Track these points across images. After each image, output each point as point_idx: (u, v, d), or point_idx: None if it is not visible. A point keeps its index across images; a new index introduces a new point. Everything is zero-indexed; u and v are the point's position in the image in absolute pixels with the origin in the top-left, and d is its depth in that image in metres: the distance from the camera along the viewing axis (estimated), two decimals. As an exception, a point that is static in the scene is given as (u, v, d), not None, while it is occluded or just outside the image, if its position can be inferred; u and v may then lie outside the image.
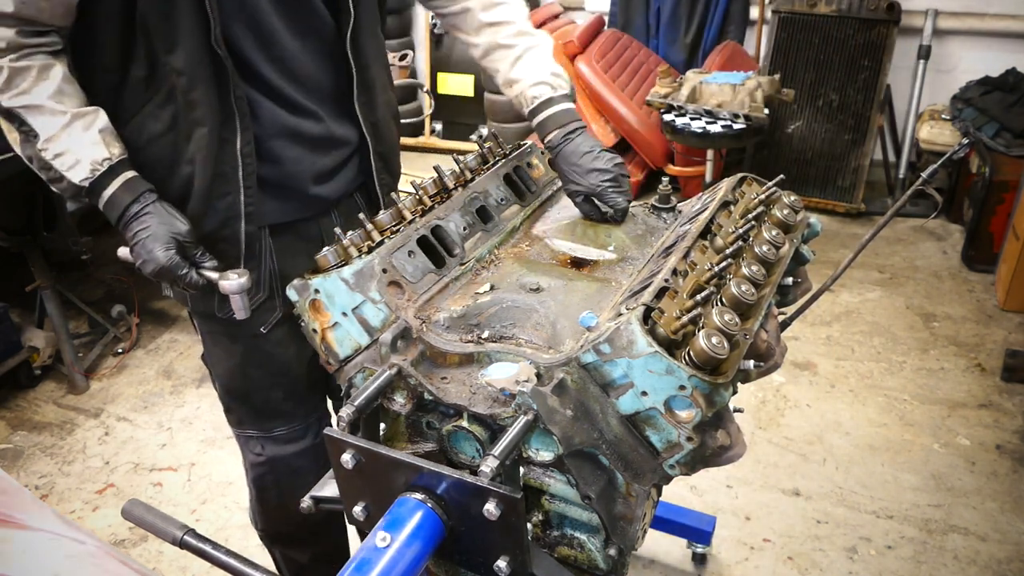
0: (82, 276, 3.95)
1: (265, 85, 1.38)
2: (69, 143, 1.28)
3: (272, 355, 1.56)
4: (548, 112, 1.56)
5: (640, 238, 1.51)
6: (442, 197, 1.48)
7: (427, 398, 1.19)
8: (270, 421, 1.64)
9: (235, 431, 1.71)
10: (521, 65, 1.57)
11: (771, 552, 2.36)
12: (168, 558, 2.40)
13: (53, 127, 1.28)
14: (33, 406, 3.15)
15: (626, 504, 1.13)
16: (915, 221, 4.30)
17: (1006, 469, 2.63)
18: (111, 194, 1.31)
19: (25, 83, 1.26)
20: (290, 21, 1.38)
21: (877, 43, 4.15)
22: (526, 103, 1.58)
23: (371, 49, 1.49)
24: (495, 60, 1.60)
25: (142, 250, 1.31)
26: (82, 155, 1.29)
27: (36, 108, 1.27)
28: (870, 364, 3.20)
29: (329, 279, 1.27)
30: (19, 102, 1.27)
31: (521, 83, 1.57)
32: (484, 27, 1.58)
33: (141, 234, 1.31)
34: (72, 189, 1.32)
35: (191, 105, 1.31)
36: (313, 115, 1.45)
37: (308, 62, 1.42)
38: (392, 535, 1.03)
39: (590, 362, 1.09)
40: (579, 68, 4.44)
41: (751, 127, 3.54)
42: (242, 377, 1.60)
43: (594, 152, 1.53)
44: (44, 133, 1.28)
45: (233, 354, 1.58)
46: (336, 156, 1.52)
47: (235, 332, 1.54)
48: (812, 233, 1.52)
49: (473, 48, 1.64)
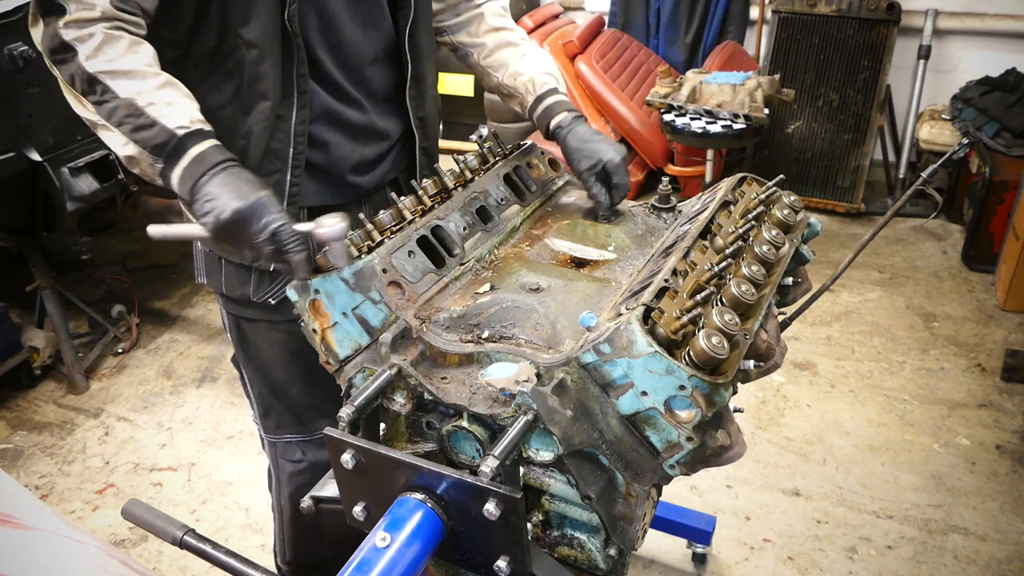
0: (82, 276, 3.95)
1: (318, 68, 1.42)
2: (165, 95, 1.24)
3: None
4: (556, 98, 1.62)
5: (640, 238, 1.51)
6: (442, 197, 1.48)
7: (427, 398, 1.19)
8: (311, 422, 1.63)
9: (271, 438, 1.67)
10: (528, 60, 1.65)
11: (771, 552, 2.36)
12: (168, 558, 2.40)
13: (148, 86, 1.23)
14: (33, 406, 3.15)
15: (626, 504, 1.13)
16: (915, 221, 4.30)
17: (1006, 469, 2.63)
18: (202, 151, 1.23)
19: (115, 52, 1.22)
20: (354, 11, 1.42)
21: (877, 43, 4.15)
22: (534, 89, 1.63)
23: (426, 45, 1.54)
24: (503, 56, 1.65)
25: (225, 193, 1.20)
26: (179, 106, 1.24)
27: (125, 73, 1.22)
28: (870, 364, 3.20)
29: (329, 279, 1.27)
30: (107, 67, 1.21)
31: (527, 73, 1.63)
32: (493, 30, 1.67)
33: (228, 181, 1.21)
34: (161, 136, 1.21)
35: (257, 79, 1.33)
36: (357, 104, 1.49)
37: (364, 52, 1.46)
38: (392, 535, 1.03)
39: (590, 362, 1.09)
40: (579, 68, 4.44)
41: (751, 127, 3.53)
42: (283, 369, 1.58)
43: (600, 135, 1.59)
44: (134, 91, 1.22)
45: (273, 343, 1.57)
46: (376, 148, 1.56)
47: (275, 318, 1.54)
48: (812, 233, 1.52)
49: (477, 48, 1.67)
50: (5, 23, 2.46)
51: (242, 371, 1.68)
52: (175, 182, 1.24)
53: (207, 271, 1.58)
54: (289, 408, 1.62)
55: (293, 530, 1.73)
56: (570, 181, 1.75)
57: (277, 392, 1.62)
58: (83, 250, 2.86)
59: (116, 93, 1.21)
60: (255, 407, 1.70)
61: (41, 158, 2.65)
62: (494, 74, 1.67)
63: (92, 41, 1.21)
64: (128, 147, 1.24)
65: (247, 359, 1.63)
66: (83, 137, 2.81)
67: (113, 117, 1.22)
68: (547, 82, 1.63)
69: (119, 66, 1.22)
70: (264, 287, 1.52)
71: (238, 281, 1.51)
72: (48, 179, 2.70)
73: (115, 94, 1.21)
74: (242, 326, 1.60)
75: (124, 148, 1.24)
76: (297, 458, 1.66)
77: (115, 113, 1.22)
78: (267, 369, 1.60)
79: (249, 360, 1.63)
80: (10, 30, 2.48)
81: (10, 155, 2.60)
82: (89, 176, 2.84)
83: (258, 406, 1.67)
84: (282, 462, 1.68)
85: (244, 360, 1.64)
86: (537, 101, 1.62)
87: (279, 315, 1.53)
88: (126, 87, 1.21)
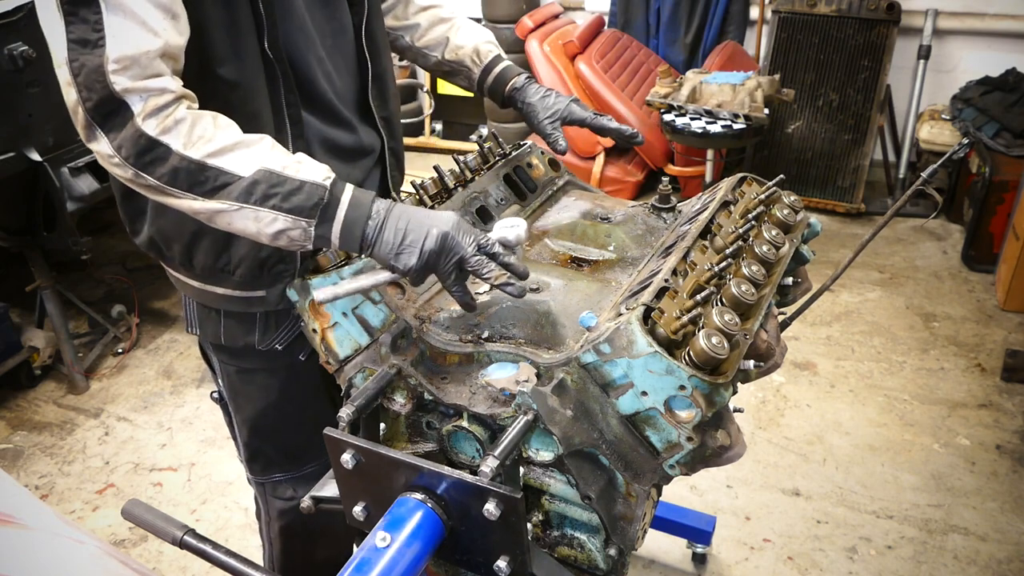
0: (82, 276, 3.95)
1: (306, 92, 1.31)
2: (283, 155, 1.13)
3: (308, 383, 1.49)
4: (504, 64, 1.63)
5: (640, 238, 1.51)
6: (442, 197, 1.48)
7: (427, 398, 1.19)
8: (300, 459, 1.57)
9: (260, 480, 1.61)
10: (464, 33, 1.63)
11: (771, 552, 2.36)
12: (168, 558, 2.40)
13: (263, 151, 1.11)
14: (33, 406, 3.15)
15: (626, 504, 1.13)
16: (915, 221, 4.30)
17: (1006, 469, 2.63)
18: (351, 196, 1.14)
19: (207, 130, 1.09)
20: (323, 20, 1.32)
21: (877, 43, 4.15)
22: (480, 59, 1.62)
23: (381, 40, 1.48)
24: (438, 32, 1.63)
25: (416, 226, 1.12)
26: (308, 161, 1.14)
27: (232, 148, 1.09)
28: (870, 364, 3.20)
29: (329, 279, 1.27)
30: (211, 148, 1.08)
31: (469, 46, 1.62)
32: (422, 9, 1.64)
33: (405, 213, 1.13)
34: (315, 193, 1.11)
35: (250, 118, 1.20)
36: (347, 124, 1.40)
37: (338, 62, 1.37)
38: (392, 535, 1.03)
39: (590, 362, 1.09)
40: (579, 68, 4.43)
41: (751, 127, 3.53)
42: (276, 414, 1.51)
43: (552, 90, 1.62)
44: (252, 162, 1.10)
45: (270, 390, 1.49)
46: (363, 166, 1.47)
47: (274, 365, 1.46)
48: (812, 233, 1.52)
49: (410, 30, 1.63)
50: (5, 23, 2.46)
51: (229, 415, 1.60)
52: (337, 237, 1.14)
53: (200, 322, 1.46)
54: (278, 450, 1.57)
55: (284, 560, 1.68)
56: (570, 181, 1.75)
57: (266, 437, 1.55)
58: (83, 250, 2.85)
59: (237, 172, 1.09)
60: (241, 452, 1.63)
61: (41, 158, 2.65)
62: (432, 53, 1.63)
63: (181, 127, 1.07)
64: (276, 222, 1.10)
65: (236, 408, 1.55)
66: (83, 137, 2.80)
67: (253, 196, 1.09)
68: (491, 50, 1.62)
69: (221, 143, 1.09)
70: (270, 334, 1.43)
71: (241, 331, 1.42)
72: (48, 179, 2.69)
73: (235, 174, 1.09)
74: (235, 376, 1.51)
75: (271, 225, 1.11)
76: (288, 496, 1.60)
77: (254, 191, 1.09)
78: (258, 417, 1.52)
79: (239, 410, 1.55)
80: (10, 30, 2.47)
81: (10, 155, 2.60)
82: (89, 176, 2.83)
83: (244, 452, 1.60)
84: (271, 500, 1.63)
85: (234, 409, 1.56)
86: (486, 71, 1.62)
87: (279, 362, 1.45)
88: (245, 161, 1.09)
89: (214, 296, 1.40)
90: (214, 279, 1.37)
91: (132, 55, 1.03)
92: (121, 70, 1.03)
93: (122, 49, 1.03)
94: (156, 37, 1.05)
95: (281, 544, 1.66)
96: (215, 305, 1.41)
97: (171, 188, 1.09)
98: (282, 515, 1.63)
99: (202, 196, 1.09)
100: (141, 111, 1.05)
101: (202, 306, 1.44)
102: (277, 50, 1.22)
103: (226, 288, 1.38)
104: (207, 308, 1.43)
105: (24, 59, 2.49)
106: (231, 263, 1.33)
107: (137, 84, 1.04)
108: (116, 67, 1.03)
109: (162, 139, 1.06)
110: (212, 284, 1.38)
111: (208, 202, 1.09)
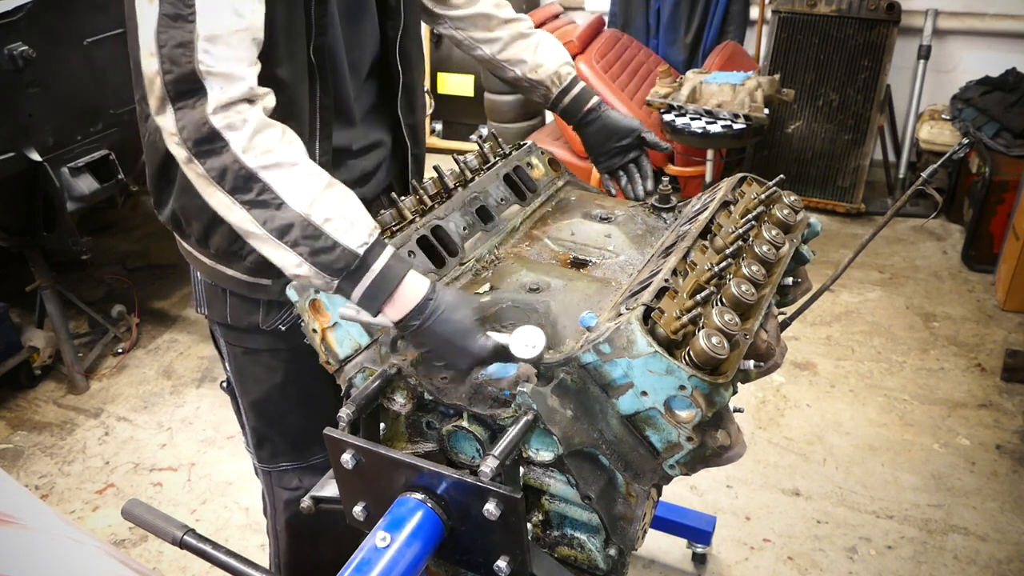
0: (82, 276, 3.95)
1: (339, 97, 1.37)
2: (338, 205, 1.11)
3: (313, 366, 1.48)
4: (582, 86, 1.70)
5: (640, 238, 1.51)
6: (442, 197, 1.48)
7: (427, 398, 1.19)
8: (307, 449, 1.60)
9: (267, 467, 1.65)
10: (543, 51, 1.67)
11: (771, 552, 2.36)
12: (168, 558, 2.40)
13: (315, 190, 1.09)
14: (33, 406, 3.15)
15: (626, 504, 1.13)
16: (915, 221, 4.30)
17: (1006, 469, 2.63)
18: (383, 266, 1.13)
19: (270, 142, 1.08)
20: (351, 30, 1.37)
21: (877, 43, 4.15)
22: (559, 80, 1.68)
23: (415, 54, 1.53)
24: (519, 49, 1.67)
25: (458, 339, 1.13)
26: (356, 218, 1.12)
27: (287, 167, 1.08)
28: (870, 364, 3.20)
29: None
30: (266, 161, 1.07)
31: (548, 65, 1.67)
32: (503, 23, 1.67)
33: (451, 323, 1.13)
34: (344, 259, 1.10)
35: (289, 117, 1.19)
36: (359, 127, 1.47)
37: (362, 70, 1.44)
38: (392, 535, 1.03)
39: (590, 362, 1.09)
40: (579, 68, 4.43)
41: (751, 127, 3.53)
42: (281, 397, 1.54)
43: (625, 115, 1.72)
44: (301, 195, 1.08)
45: (274, 372, 1.52)
46: (373, 158, 1.54)
47: (279, 345, 1.49)
48: (812, 233, 1.52)
49: (491, 44, 1.67)
50: (5, 23, 2.46)
51: (237, 400, 1.64)
52: (357, 299, 1.15)
53: (208, 301, 1.51)
54: (285, 437, 1.59)
55: (290, 555, 1.70)
56: (570, 181, 1.75)
57: (273, 422, 1.58)
58: (83, 250, 2.85)
59: (281, 197, 1.07)
60: (249, 437, 1.66)
61: (41, 158, 2.65)
62: (512, 68, 1.68)
63: (246, 129, 1.06)
64: (302, 267, 1.11)
65: (243, 391, 1.58)
66: (83, 137, 2.81)
67: (287, 236, 1.09)
68: (570, 72, 1.68)
69: (279, 158, 1.07)
70: (274, 315, 1.47)
71: (245, 311, 1.46)
72: (48, 179, 2.69)
73: (280, 197, 1.07)
74: (241, 357, 1.55)
75: (296, 268, 1.11)
76: (294, 486, 1.63)
77: (288, 232, 1.08)
78: (264, 400, 1.56)
79: (246, 392, 1.58)
80: (10, 30, 2.47)
81: (10, 155, 2.60)
82: (89, 176, 2.83)
83: (252, 437, 1.63)
84: (278, 490, 1.65)
85: (240, 392, 1.59)
86: (563, 92, 1.68)
87: (284, 343, 1.49)
88: (295, 188, 1.08)
89: (223, 275, 1.45)
90: (226, 260, 1.42)
91: (220, 34, 1.04)
92: (209, 47, 1.04)
93: (211, 27, 1.04)
94: (242, 19, 1.06)
95: (287, 538, 1.68)
96: (223, 284, 1.47)
97: (215, 183, 1.08)
98: (288, 506, 1.66)
99: (241, 204, 1.08)
100: (215, 99, 1.05)
101: (210, 285, 1.49)
102: (320, 55, 1.27)
103: (236, 270, 1.43)
104: (215, 287, 1.49)
105: (24, 59, 2.49)
106: (245, 248, 1.38)
107: (220, 68, 1.05)
108: (205, 44, 1.03)
109: (224, 134, 1.06)
110: (223, 264, 1.43)
111: (244, 212, 1.09)
